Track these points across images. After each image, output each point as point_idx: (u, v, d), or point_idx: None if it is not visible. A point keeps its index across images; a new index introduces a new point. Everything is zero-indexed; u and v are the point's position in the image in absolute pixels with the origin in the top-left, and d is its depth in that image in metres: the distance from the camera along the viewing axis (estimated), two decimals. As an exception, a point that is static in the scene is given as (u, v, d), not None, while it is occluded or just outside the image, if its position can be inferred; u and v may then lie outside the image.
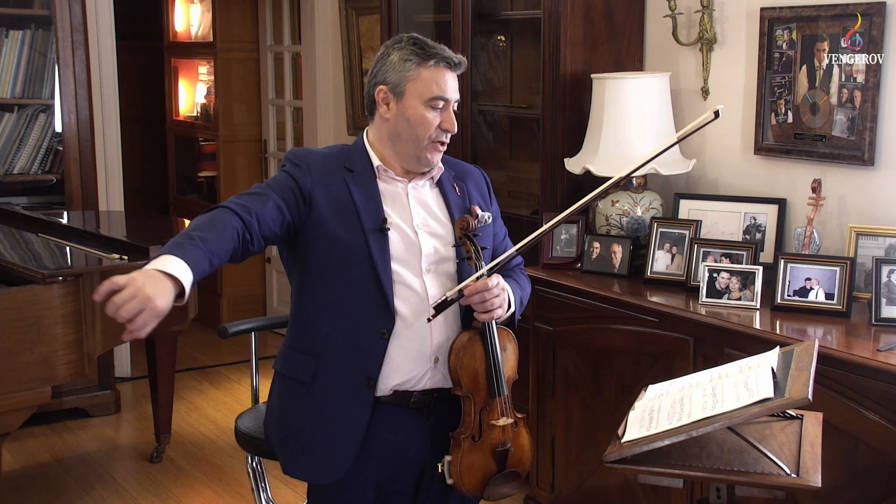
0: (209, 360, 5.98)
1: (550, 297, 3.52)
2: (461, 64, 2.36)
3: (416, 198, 2.41)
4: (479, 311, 2.31)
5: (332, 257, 2.31)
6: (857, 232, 3.07)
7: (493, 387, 2.35)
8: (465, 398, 2.35)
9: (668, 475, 1.97)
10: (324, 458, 2.35)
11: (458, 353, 2.33)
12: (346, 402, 2.33)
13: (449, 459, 2.34)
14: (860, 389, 2.59)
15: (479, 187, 2.54)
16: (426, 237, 2.38)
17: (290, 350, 2.43)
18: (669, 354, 3.12)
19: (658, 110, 3.54)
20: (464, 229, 2.34)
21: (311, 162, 2.36)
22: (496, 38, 4.53)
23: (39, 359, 3.34)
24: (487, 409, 2.36)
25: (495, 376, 2.35)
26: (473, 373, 2.34)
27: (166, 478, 4.34)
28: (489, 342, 2.35)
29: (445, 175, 2.47)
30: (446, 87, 2.33)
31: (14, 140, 4.89)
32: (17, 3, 4.99)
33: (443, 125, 2.34)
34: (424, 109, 2.33)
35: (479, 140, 4.38)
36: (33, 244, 3.97)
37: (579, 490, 3.52)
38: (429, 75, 2.32)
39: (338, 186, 2.34)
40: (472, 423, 2.35)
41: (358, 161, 2.39)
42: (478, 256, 2.34)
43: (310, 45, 5.86)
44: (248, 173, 6.60)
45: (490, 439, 2.37)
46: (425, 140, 2.35)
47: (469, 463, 2.34)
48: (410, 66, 2.32)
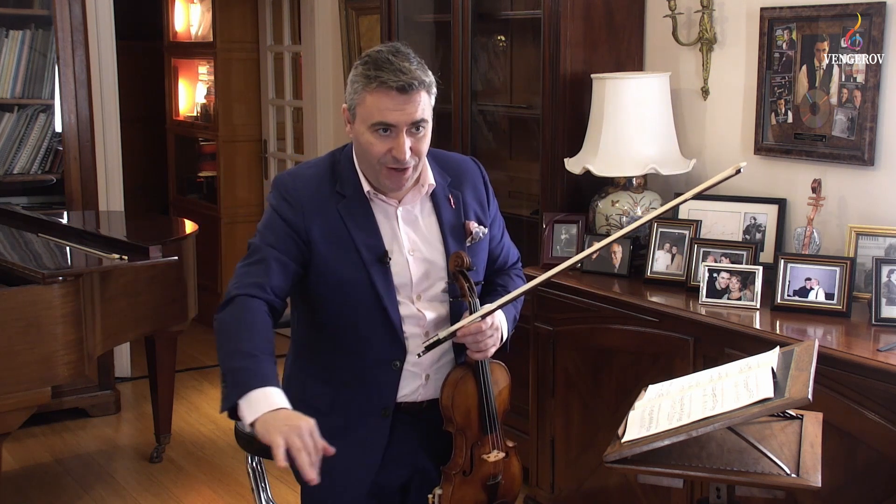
0: (209, 360, 5.98)
1: (550, 297, 3.52)
2: (410, 86, 2.15)
3: (406, 220, 2.34)
4: (472, 350, 2.29)
5: (337, 296, 2.27)
6: (857, 232, 3.07)
7: (485, 423, 2.36)
8: (456, 434, 2.35)
9: (668, 475, 1.97)
10: (344, 479, 2.34)
11: (451, 391, 2.32)
12: (363, 431, 2.33)
13: (440, 493, 2.34)
14: (860, 389, 2.58)
15: (476, 190, 2.45)
16: (416, 263, 2.33)
17: (305, 376, 2.39)
18: (669, 354, 3.12)
19: (658, 110, 3.54)
20: (458, 266, 2.30)
21: (302, 195, 2.26)
22: (496, 38, 4.53)
23: (39, 359, 3.34)
24: (479, 445, 2.37)
25: (487, 414, 2.35)
26: (466, 410, 2.34)
27: (166, 478, 4.34)
28: (482, 380, 2.34)
29: (440, 187, 2.38)
30: (389, 113, 2.16)
31: (14, 140, 4.89)
32: (17, 3, 4.99)
33: (391, 152, 2.19)
34: (370, 135, 2.19)
35: (479, 140, 4.38)
36: (33, 244, 3.96)
37: (579, 490, 3.52)
38: (371, 100, 2.17)
39: (332, 218, 2.27)
40: (463, 459, 2.35)
41: (348, 184, 2.31)
42: (471, 293, 2.30)
43: (310, 45, 5.86)
44: (248, 173, 6.60)
45: (481, 473, 2.37)
46: (377, 165, 2.22)
47: (460, 497, 2.34)
48: (358, 88, 2.20)
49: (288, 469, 1.95)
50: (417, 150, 2.24)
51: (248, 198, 6.61)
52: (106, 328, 3.67)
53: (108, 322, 3.69)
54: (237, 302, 2.18)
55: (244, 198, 6.59)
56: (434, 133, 2.33)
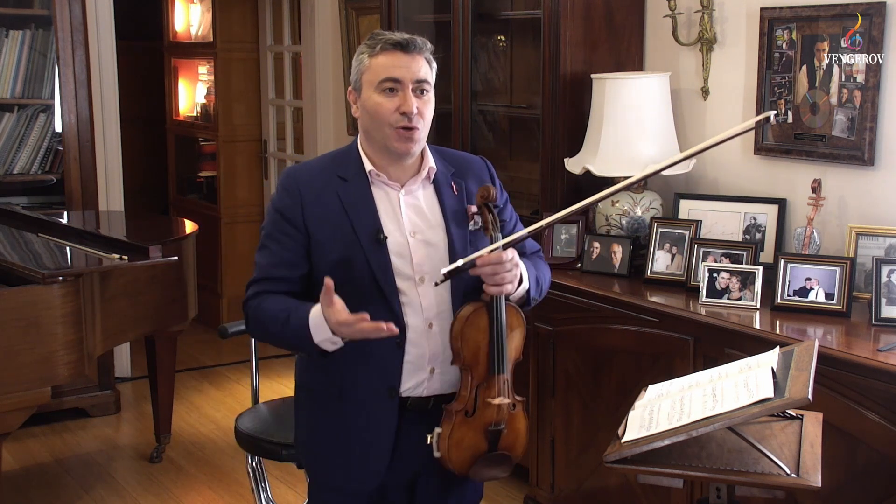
0: (209, 360, 5.98)
1: (550, 297, 3.50)
2: (412, 43, 2.30)
3: (409, 204, 2.37)
4: (488, 283, 2.25)
5: (337, 276, 2.26)
6: (857, 232, 3.07)
7: (493, 363, 2.29)
8: (463, 370, 2.30)
9: (668, 475, 1.97)
10: (361, 466, 2.35)
11: (462, 323, 2.27)
12: (374, 413, 2.33)
13: (439, 432, 2.28)
14: (860, 389, 2.59)
15: (481, 181, 2.47)
16: (417, 245, 2.34)
17: (311, 364, 2.42)
18: (669, 354, 3.12)
19: (658, 110, 3.54)
20: (484, 198, 2.29)
21: (303, 185, 2.34)
22: (496, 38, 4.53)
23: (39, 359, 3.34)
24: (485, 386, 2.29)
25: (497, 353, 2.29)
26: (475, 345, 2.28)
27: (166, 478, 4.34)
28: (495, 317, 2.29)
29: (442, 174, 2.41)
30: (395, 69, 2.28)
31: (14, 140, 4.89)
32: (17, 3, 4.99)
33: (400, 108, 2.28)
34: (378, 96, 2.29)
35: (479, 140, 4.38)
36: (33, 244, 3.96)
37: (579, 490, 3.52)
38: (377, 62, 2.29)
39: (330, 201, 2.32)
40: (467, 398, 2.29)
41: (352, 168, 2.36)
42: (495, 227, 2.28)
43: (310, 45, 5.86)
44: (248, 173, 6.60)
45: (484, 417, 2.29)
46: (387, 128, 2.30)
47: (459, 438, 2.28)
48: (363, 58, 2.33)
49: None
50: (422, 111, 2.31)
51: (248, 198, 6.61)
52: (106, 328, 3.67)
53: (108, 322, 3.69)
54: (263, 301, 2.34)
55: (244, 198, 6.59)
56: (434, 133, 2.36)
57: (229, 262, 6.53)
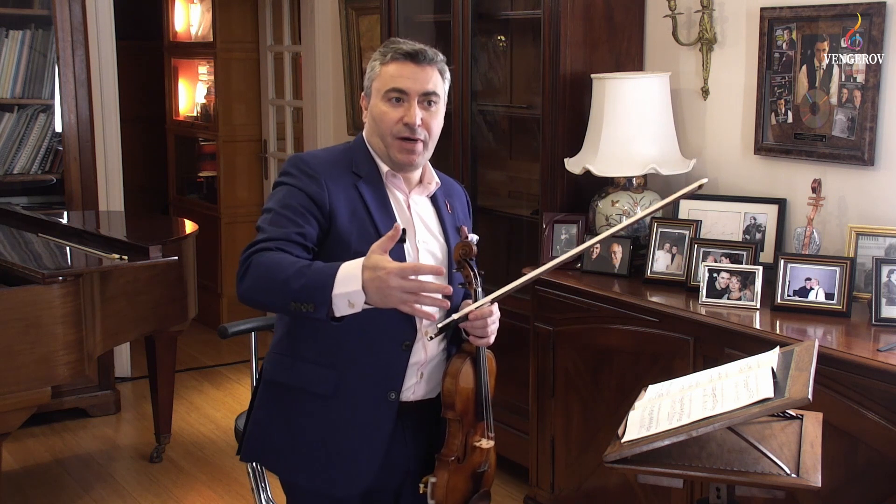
0: (209, 360, 5.98)
1: (550, 297, 3.52)
2: (422, 54, 2.29)
3: (416, 212, 2.38)
4: (475, 335, 2.32)
5: None
6: (857, 232, 3.07)
7: (480, 409, 2.37)
8: (453, 421, 2.36)
9: (668, 475, 1.97)
10: (349, 470, 2.31)
11: (455, 378, 2.33)
12: (370, 414, 2.30)
13: (433, 481, 2.33)
14: (860, 389, 2.58)
15: (463, 208, 2.52)
16: (425, 254, 2.35)
17: (303, 363, 2.33)
18: (669, 354, 3.12)
19: (658, 110, 3.54)
20: (464, 255, 2.33)
21: (322, 170, 2.27)
22: (496, 38, 4.53)
23: (39, 359, 3.34)
24: (472, 432, 2.39)
25: (483, 399, 2.37)
26: (466, 396, 2.35)
27: (166, 478, 4.35)
28: (480, 366, 2.37)
29: (439, 191, 2.44)
30: (402, 80, 2.28)
31: (14, 140, 4.89)
32: (17, 3, 4.99)
33: (403, 119, 2.27)
34: (384, 105, 2.29)
35: (479, 140, 4.38)
36: (33, 244, 3.97)
37: (579, 490, 3.52)
38: (386, 71, 2.30)
39: (352, 195, 2.28)
40: (458, 446, 2.36)
41: (364, 165, 2.34)
42: (476, 282, 2.33)
43: (310, 45, 5.86)
44: (248, 173, 6.60)
45: (472, 461, 2.39)
46: (389, 138, 2.29)
47: (453, 485, 2.35)
48: (375, 66, 2.33)
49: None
50: (428, 124, 2.31)
51: (248, 198, 6.61)
52: (106, 328, 3.67)
53: (108, 322, 3.69)
54: (261, 254, 2.17)
55: (244, 198, 6.59)
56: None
57: (229, 262, 6.53)
